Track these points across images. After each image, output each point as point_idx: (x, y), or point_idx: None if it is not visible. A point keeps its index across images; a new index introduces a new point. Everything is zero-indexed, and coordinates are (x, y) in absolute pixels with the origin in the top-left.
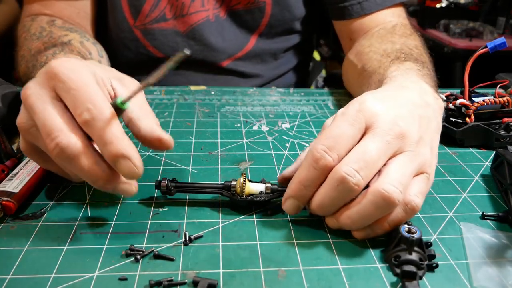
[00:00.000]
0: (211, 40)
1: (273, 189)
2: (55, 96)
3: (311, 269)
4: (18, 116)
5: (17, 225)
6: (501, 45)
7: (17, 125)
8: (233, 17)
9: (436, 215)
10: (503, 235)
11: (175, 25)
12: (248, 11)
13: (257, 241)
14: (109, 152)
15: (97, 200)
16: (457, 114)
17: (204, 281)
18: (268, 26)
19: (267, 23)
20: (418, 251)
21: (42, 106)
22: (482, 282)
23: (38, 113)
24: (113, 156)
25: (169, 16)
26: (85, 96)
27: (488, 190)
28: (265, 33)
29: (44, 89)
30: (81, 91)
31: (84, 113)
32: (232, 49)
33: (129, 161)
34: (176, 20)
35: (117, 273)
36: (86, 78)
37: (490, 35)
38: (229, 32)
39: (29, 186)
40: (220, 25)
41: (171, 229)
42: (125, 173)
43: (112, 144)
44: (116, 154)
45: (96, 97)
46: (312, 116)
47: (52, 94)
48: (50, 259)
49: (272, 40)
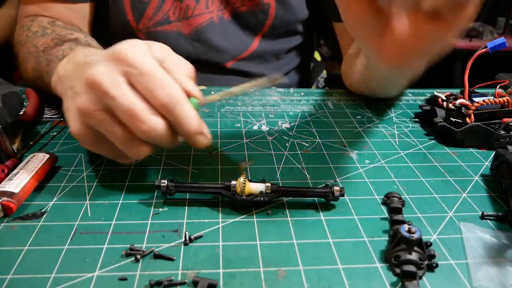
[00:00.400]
0: (215, 42)
1: (273, 189)
2: (128, 81)
3: (311, 269)
4: (80, 101)
5: (17, 225)
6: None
7: (79, 109)
8: (237, 19)
9: (436, 215)
10: (503, 235)
11: (179, 28)
12: (252, 13)
13: (257, 241)
14: (188, 131)
15: (97, 200)
16: (457, 114)
17: (204, 281)
18: (272, 27)
19: (271, 25)
20: (418, 251)
21: (121, 91)
22: (482, 282)
23: (119, 98)
24: (192, 134)
25: (172, 19)
26: (160, 80)
27: (488, 190)
28: (268, 35)
29: (117, 74)
30: (154, 75)
31: (163, 96)
32: (236, 50)
33: (204, 136)
34: (180, 23)
35: (117, 273)
36: (154, 62)
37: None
38: (233, 34)
39: (29, 186)
40: (224, 26)
41: (171, 229)
42: (200, 145)
43: (191, 124)
44: (195, 132)
45: (170, 81)
46: (312, 116)
47: (125, 79)
48: (50, 259)
49: (275, 41)
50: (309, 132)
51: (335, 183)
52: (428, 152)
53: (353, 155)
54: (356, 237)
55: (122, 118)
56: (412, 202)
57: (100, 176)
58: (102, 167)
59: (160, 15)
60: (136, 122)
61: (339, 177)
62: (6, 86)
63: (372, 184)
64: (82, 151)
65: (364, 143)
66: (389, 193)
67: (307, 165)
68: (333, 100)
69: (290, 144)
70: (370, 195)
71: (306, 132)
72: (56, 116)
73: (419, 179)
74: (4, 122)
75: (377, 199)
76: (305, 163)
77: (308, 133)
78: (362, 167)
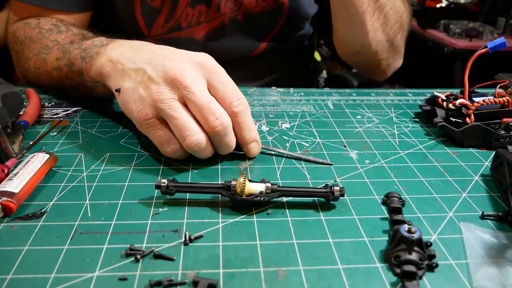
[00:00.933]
0: (225, 44)
1: (273, 189)
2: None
3: (311, 269)
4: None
5: (17, 225)
6: (501, 45)
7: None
8: (250, 20)
9: (436, 215)
10: (503, 235)
11: (191, 33)
12: (266, 13)
13: (257, 241)
14: (249, 136)
15: (97, 200)
16: (457, 114)
17: (204, 281)
18: (283, 26)
19: (283, 23)
20: (418, 251)
21: (201, 89)
22: (482, 282)
23: (198, 93)
24: (251, 140)
25: (184, 25)
26: (236, 90)
27: (488, 190)
28: (277, 34)
29: (202, 78)
30: (231, 85)
31: (239, 105)
32: (245, 50)
33: (258, 144)
34: (191, 29)
35: (117, 273)
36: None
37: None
38: (243, 35)
39: (29, 186)
40: (235, 28)
41: (171, 229)
42: (254, 152)
43: (253, 131)
44: (254, 139)
45: (239, 91)
46: (312, 116)
47: (207, 84)
48: (50, 259)
49: (282, 40)
50: (309, 132)
51: (335, 183)
52: (428, 152)
53: (353, 155)
54: (356, 237)
55: (195, 113)
56: (412, 202)
57: (100, 176)
58: (102, 167)
59: (172, 22)
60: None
61: (339, 177)
62: (6, 86)
63: (372, 184)
64: (82, 151)
65: (364, 143)
66: (389, 193)
67: (307, 165)
68: (333, 100)
69: (290, 144)
70: (370, 195)
71: (306, 132)
72: (56, 116)
73: (419, 179)
74: (4, 122)
75: (377, 199)
76: (305, 163)
77: (308, 133)
78: (362, 167)
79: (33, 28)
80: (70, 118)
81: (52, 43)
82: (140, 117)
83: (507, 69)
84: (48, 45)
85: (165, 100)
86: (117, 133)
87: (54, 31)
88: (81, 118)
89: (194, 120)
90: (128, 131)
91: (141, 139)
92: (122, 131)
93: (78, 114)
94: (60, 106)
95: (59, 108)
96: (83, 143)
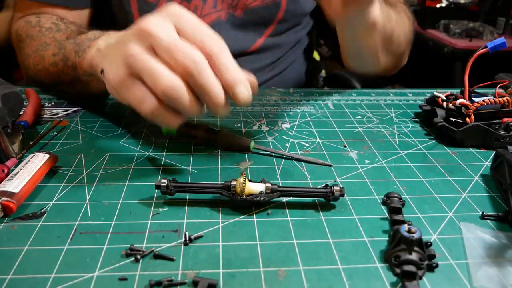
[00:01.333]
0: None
1: (273, 189)
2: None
3: (311, 269)
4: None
5: (17, 225)
6: (501, 45)
7: (125, 53)
8: (248, 15)
9: (436, 215)
10: (503, 235)
11: None
12: (264, 8)
13: (257, 241)
14: (229, 76)
15: (97, 200)
16: (457, 114)
17: (204, 281)
18: (280, 21)
19: (281, 18)
20: (418, 251)
21: (166, 32)
22: (482, 282)
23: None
24: (232, 81)
25: None
26: (208, 31)
27: (488, 190)
28: (275, 29)
29: (169, 23)
30: (202, 27)
31: (213, 45)
32: (242, 46)
33: (245, 88)
34: None
35: (117, 273)
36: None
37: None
38: (241, 30)
39: (29, 186)
40: (233, 24)
41: (171, 229)
42: (242, 98)
43: (232, 71)
44: (235, 79)
45: (214, 33)
46: (312, 116)
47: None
48: (50, 259)
49: (280, 37)
50: (309, 132)
51: (335, 183)
52: (428, 152)
53: (353, 155)
54: (356, 237)
55: (166, 58)
56: (412, 202)
57: (100, 176)
58: (102, 167)
59: None
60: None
61: (339, 177)
62: (6, 86)
63: (372, 184)
64: (82, 151)
65: (364, 143)
66: (389, 193)
67: (307, 165)
68: (333, 100)
69: (290, 144)
70: (370, 195)
71: (306, 132)
72: (56, 116)
73: (419, 179)
74: (4, 122)
75: (377, 199)
76: (305, 163)
77: (308, 133)
78: (362, 167)
79: (33, 27)
80: (70, 118)
81: (50, 40)
82: (116, 81)
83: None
84: (46, 42)
85: (134, 54)
86: (117, 133)
87: (54, 29)
88: (81, 118)
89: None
90: (128, 131)
91: (141, 139)
92: (122, 131)
93: (78, 114)
94: (60, 106)
95: (59, 108)
96: (83, 143)
